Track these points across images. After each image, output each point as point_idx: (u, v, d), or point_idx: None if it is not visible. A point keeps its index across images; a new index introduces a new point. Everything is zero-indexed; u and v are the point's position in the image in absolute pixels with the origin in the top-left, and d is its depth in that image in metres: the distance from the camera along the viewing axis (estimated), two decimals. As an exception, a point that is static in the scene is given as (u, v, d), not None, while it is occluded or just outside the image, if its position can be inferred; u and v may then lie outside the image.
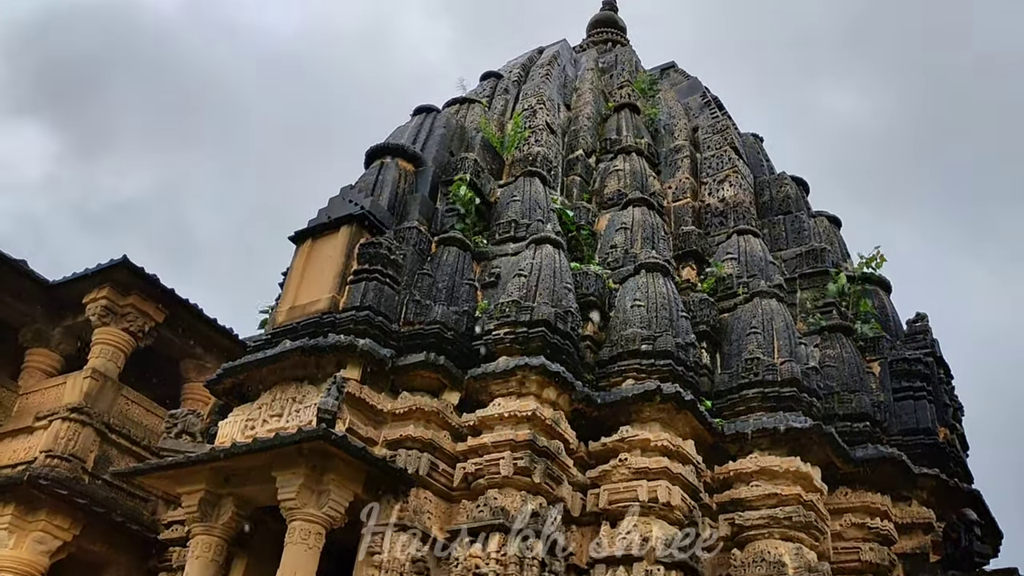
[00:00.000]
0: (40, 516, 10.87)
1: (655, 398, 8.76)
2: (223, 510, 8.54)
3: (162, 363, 14.15)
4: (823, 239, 12.02)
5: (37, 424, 11.85)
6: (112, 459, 11.78)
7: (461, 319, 9.35)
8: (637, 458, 8.66)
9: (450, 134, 11.85)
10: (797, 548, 8.49)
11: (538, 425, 8.45)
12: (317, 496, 7.91)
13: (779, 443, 9.03)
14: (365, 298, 9.07)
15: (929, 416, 10.27)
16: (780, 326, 9.84)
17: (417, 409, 8.64)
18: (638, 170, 12.20)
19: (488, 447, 8.46)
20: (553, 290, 9.26)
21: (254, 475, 8.30)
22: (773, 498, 8.68)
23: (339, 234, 9.68)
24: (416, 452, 8.47)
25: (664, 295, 9.76)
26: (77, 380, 12.00)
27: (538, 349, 8.78)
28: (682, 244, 11.44)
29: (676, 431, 8.89)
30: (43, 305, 13.14)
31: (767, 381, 9.39)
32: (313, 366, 8.80)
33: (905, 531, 9.63)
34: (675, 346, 9.28)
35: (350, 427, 8.32)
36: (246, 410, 9.02)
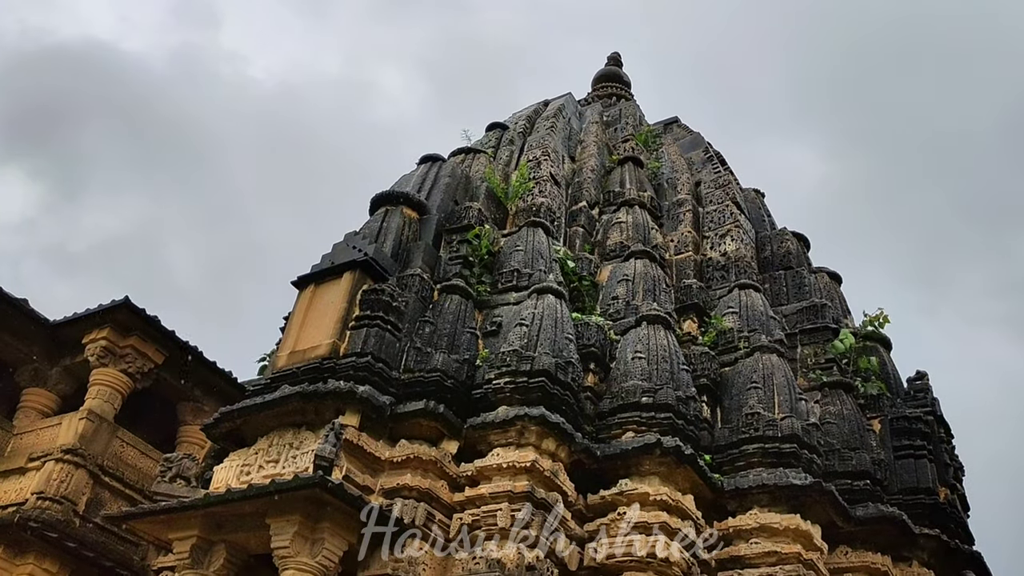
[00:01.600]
0: (28, 559, 10.73)
1: (655, 451, 8.70)
2: (215, 557, 8.42)
3: (159, 405, 14.07)
4: (824, 295, 12.06)
5: (30, 465, 11.74)
6: (104, 502, 11.65)
7: (462, 367, 9.33)
8: (636, 512, 8.56)
9: (455, 183, 11.96)
10: (797, 608, 8.36)
11: (537, 476, 8.37)
12: (311, 544, 7.80)
13: (779, 500, 8.95)
14: (366, 344, 9.05)
15: (930, 475, 10.19)
16: (781, 381, 9.82)
17: (415, 458, 8.58)
18: (641, 223, 12.28)
19: (486, 498, 8.37)
20: (554, 340, 9.26)
21: (248, 522, 8.20)
22: (773, 556, 8.57)
23: (342, 280, 9.70)
24: (413, 502, 8.38)
25: (665, 347, 9.75)
26: (73, 421, 11.92)
27: (538, 399, 8.75)
28: (684, 297, 11.47)
29: (676, 485, 8.81)
30: (42, 344, 13.11)
31: (767, 436, 9.33)
32: (312, 412, 8.76)
33: (906, 593, 9.49)
34: (676, 399, 9.24)
35: (347, 475, 8.25)
36: (242, 455, 8.95)
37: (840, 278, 12.91)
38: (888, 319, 11.65)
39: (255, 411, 8.96)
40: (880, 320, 11.57)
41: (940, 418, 11.00)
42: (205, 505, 8.16)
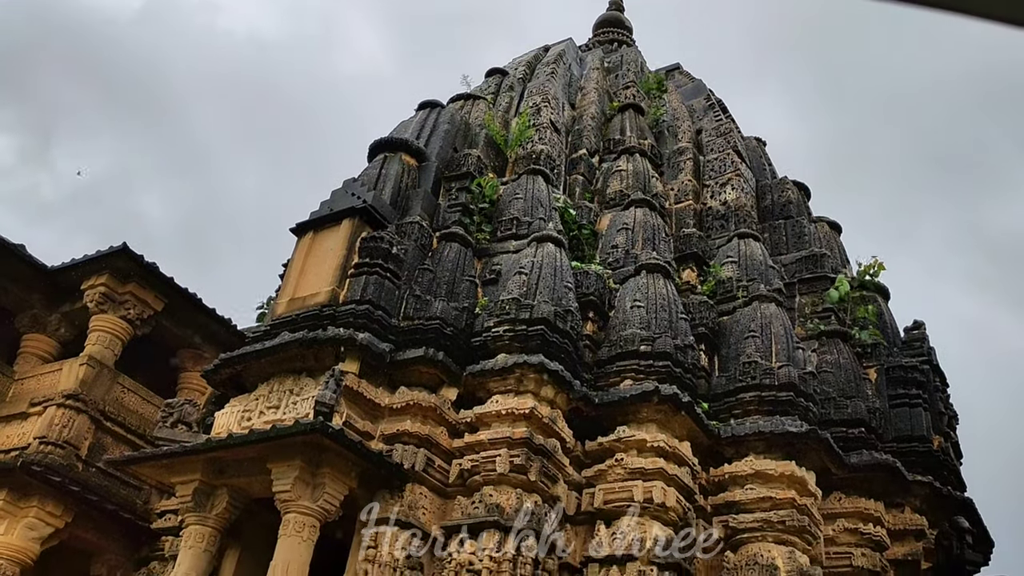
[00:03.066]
0: (32, 502, 10.85)
1: (653, 399, 8.77)
2: (217, 501, 8.52)
3: (159, 352, 14.12)
4: (823, 244, 12.05)
5: (32, 410, 11.81)
6: (106, 447, 11.75)
7: (461, 315, 9.35)
8: (633, 458, 8.66)
9: (454, 130, 11.85)
10: (790, 552, 8.50)
11: (535, 423, 8.45)
12: (312, 489, 7.90)
13: (774, 447, 9.05)
14: (365, 292, 9.06)
15: (924, 424, 10.30)
16: (779, 330, 9.85)
17: (415, 404, 8.64)
18: (641, 171, 12.21)
19: (485, 444, 8.45)
20: (553, 289, 9.26)
21: (249, 466, 8.28)
22: (767, 502, 8.69)
23: (341, 227, 9.67)
24: (412, 447, 8.46)
25: (664, 296, 9.76)
26: (73, 367, 11.96)
27: (537, 347, 8.78)
28: (683, 246, 11.45)
29: (673, 432, 8.90)
30: (41, 291, 13.10)
31: (764, 385, 9.41)
32: (312, 359, 8.79)
33: (897, 537, 9.65)
34: (674, 348, 9.29)
35: (347, 421, 8.31)
36: (243, 401, 9.01)
37: (840, 227, 12.89)
38: (883, 267, 11.65)
39: (255, 357, 9.00)
40: (875, 269, 11.57)
41: (936, 367, 11.07)
42: (207, 450, 8.24)
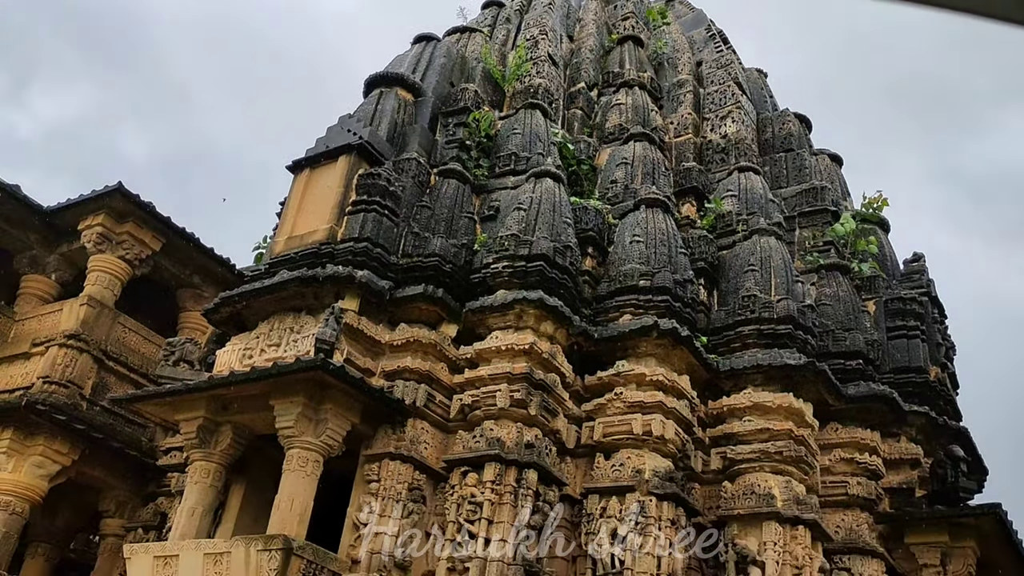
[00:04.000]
0: (39, 441, 10.97)
1: (652, 333, 8.81)
2: (221, 437, 8.62)
3: (159, 292, 14.14)
4: (824, 177, 11.96)
5: (34, 350, 11.88)
6: (110, 386, 11.85)
7: (460, 252, 9.33)
8: (632, 392, 8.74)
9: (451, 64, 11.66)
10: (787, 481, 8.64)
11: (535, 358, 8.50)
12: (315, 425, 7.98)
13: (773, 379, 9.12)
14: (364, 229, 9.03)
15: (921, 355, 10.37)
16: (778, 264, 9.85)
17: (415, 341, 8.68)
18: (640, 104, 12.06)
19: (485, 379, 8.52)
20: (552, 224, 9.23)
21: (252, 403, 8.36)
22: (765, 433, 8.80)
23: (337, 164, 9.59)
24: (413, 383, 8.53)
25: (663, 231, 9.73)
26: (73, 307, 11.99)
27: (536, 283, 8.79)
28: (683, 180, 11.38)
29: (672, 366, 8.96)
30: (38, 231, 13.07)
31: (763, 318, 9.44)
32: (311, 296, 8.81)
33: (893, 466, 9.79)
34: (673, 282, 9.29)
35: (348, 358, 8.36)
36: (244, 339, 9.05)
37: (841, 160, 12.79)
38: (887, 202, 11.61)
39: (255, 296, 9.01)
40: (879, 203, 11.52)
41: (934, 299, 11.11)
42: (209, 387, 8.30)
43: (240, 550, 7.30)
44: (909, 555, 9.41)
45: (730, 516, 8.58)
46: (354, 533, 7.98)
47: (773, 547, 8.28)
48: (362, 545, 7.87)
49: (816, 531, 8.60)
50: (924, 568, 9.31)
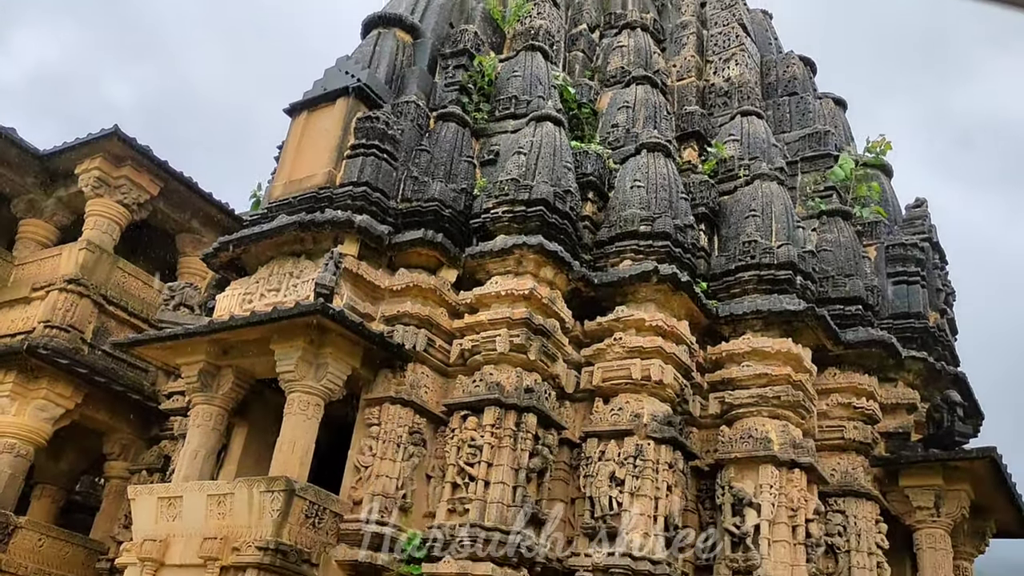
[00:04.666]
0: (41, 385, 11.04)
1: (651, 279, 8.80)
2: (222, 381, 8.67)
3: (157, 237, 14.11)
4: (828, 122, 11.83)
5: (34, 295, 11.88)
6: (111, 331, 11.88)
7: (459, 197, 9.27)
8: (632, 337, 8.76)
9: (450, 4, 11.45)
10: (784, 425, 8.71)
11: (535, 304, 8.50)
12: (315, 369, 8.02)
13: (772, 325, 9.14)
14: (362, 174, 8.96)
15: (921, 301, 10.38)
16: (779, 209, 9.79)
17: (414, 286, 8.67)
18: (642, 47, 11.87)
19: (485, 324, 8.53)
20: (552, 169, 9.15)
21: (253, 348, 8.39)
22: (763, 378, 8.84)
23: (335, 107, 9.47)
24: (413, 328, 8.55)
25: (664, 176, 9.66)
26: (72, 251, 11.96)
27: (536, 228, 8.75)
28: (685, 124, 11.25)
29: (671, 312, 8.97)
30: (35, 175, 12.99)
31: (763, 264, 9.42)
32: (310, 241, 8.78)
33: (889, 411, 9.87)
34: (673, 228, 9.25)
35: (348, 303, 8.36)
36: (244, 284, 9.04)
37: (845, 104, 12.64)
38: (890, 146, 11.50)
39: (254, 240, 8.98)
40: (883, 147, 11.41)
41: (936, 244, 11.08)
42: (210, 332, 8.32)
43: (243, 491, 7.39)
44: (903, 497, 9.53)
45: (727, 459, 8.67)
46: (355, 475, 8.07)
47: (769, 489, 8.38)
48: (363, 487, 7.96)
49: (812, 474, 8.70)
50: (918, 510, 9.44)
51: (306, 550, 7.36)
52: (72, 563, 11.16)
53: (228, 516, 7.39)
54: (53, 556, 11.00)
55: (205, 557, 7.23)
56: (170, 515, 7.71)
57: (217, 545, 7.23)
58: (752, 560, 8.13)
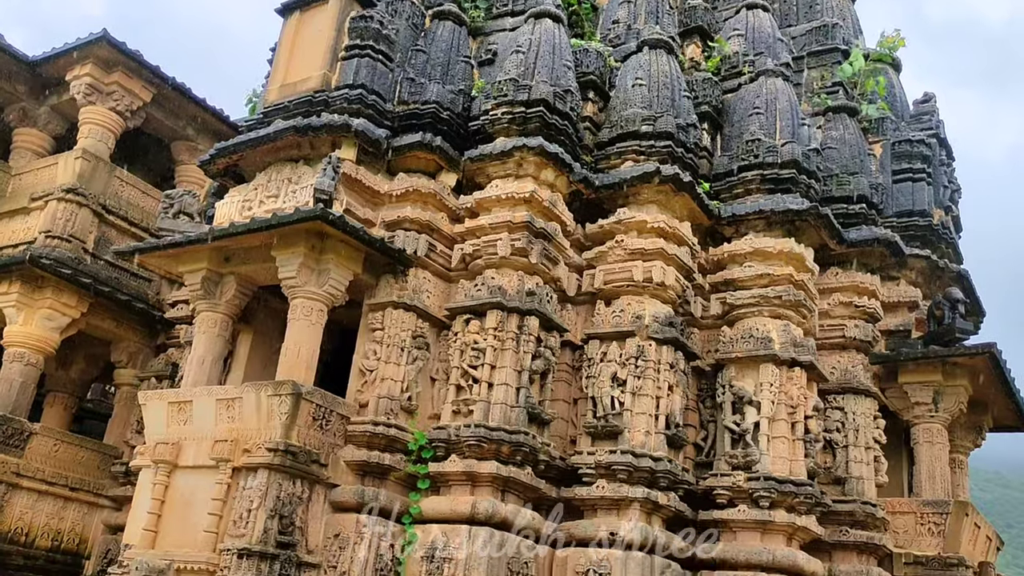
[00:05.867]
0: (46, 294, 11.08)
1: (653, 180, 8.72)
2: (225, 288, 8.69)
3: (153, 145, 13.94)
4: (836, 14, 11.48)
5: (33, 205, 11.81)
6: (112, 240, 11.85)
7: (457, 99, 9.10)
8: (633, 239, 8.74)
9: None
10: (785, 325, 8.77)
11: (535, 207, 8.45)
12: (317, 275, 8.03)
13: (774, 225, 9.09)
14: (358, 76, 8.77)
15: (926, 198, 10.32)
16: (784, 106, 9.62)
17: (414, 191, 8.60)
18: (644, -63, 11.43)
19: (486, 228, 8.50)
20: (552, 68, 8.95)
21: (254, 254, 8.38)
22: (765, 278, 8.85)
23: (328, 5, 9.20)
24: (414, 233, 8.52)
25: (667, 74, 9.46)
26: (69, 161, 11.83)
27: (536, 130, 8.61)
28: (687, 19, 10.93)
29: (673, 213, 8.92)
30: (25, 83, 12.75)
31: (767, 163, 9.31)
32: (307, 146, 8.66)
33: (891, 309, 9.92)
34: (676, 127, 9.11)
35: (347, 208, 8.31)
36: (242, 191, 8.97)
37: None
38: (904, 42, 11.19)
39: (250, 146, 8.86)
40: (895, 43, 11.11)
41: (942, 140, 10.93)
42: (210, 239, 8.29)
43: (251, 395, 7.50)
44: (902, 394, 9.67)
45: (728, 359, 8.76)
46: (361, 379, 8.18)
47: (769, 388, 8.50)
48: (369, 390, 8.08)
49: (812, 372, 8.80)
50: (916, 406, 9.59)
51: (315, 451, 7.52)
52: (88, 467, 11.43)
53: (237, 419, 7.53)
54: (69, 460, 11.26)
55: (217, 459, 7.40)
56: (181, 419, 7.86)
57: (228, 447, 7.39)
58: (751, 456, 8.31)
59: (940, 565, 8.80)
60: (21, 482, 10.71)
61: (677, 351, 8.57)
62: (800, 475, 8.29)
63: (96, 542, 11.35)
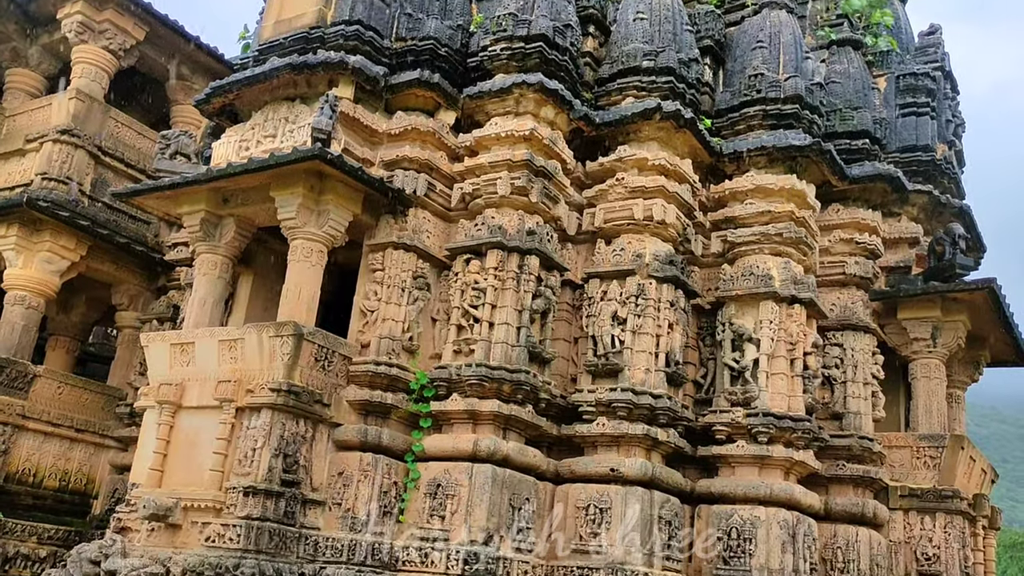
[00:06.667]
0: (44, 237, 11.05)
1: (654, 116, 8.62)
2: (225, 230, 8.66)
3: (148, 85, 13.77)
4: (841, -56, 11.22)
5: (28, 146, 11.69)
6: (109, 182, 11.76)
7: (455, 35, 8.95)
8: (634, 177, 8.68)
9: None
10: (785, 262, 8.76)
11: (535, 145, 8.37)
12: (317, 216, 7.99)
13: (776, 161, 9.02)
14: (354, 11, 8.61)
15: (929, 133, 10.23)
16: (787, 40, 9.45)
17: (413, 129, 8.51)
18: None
19: (485, 167, 8.43)
20: (552, 2, 8.77)
21: (253, 196, 8.33)
22: (766, 215, 8.82)
23: (322, -60, 8.98)
24: (413, 173, 8.45)
25: (668, 7, 9.28)
26: (63, 101, 11.68)
27: (536, 66, 8.48)
28: (690, -50, 10.68)
29: (674, 150, 8.84)
30: (15, 21, 12.52)
31: (769, 98, 9.20)
32: (304, 84, 8.54)
33: (891, 245, 9.91)
34: (677, 62, 8.97)
35: (345, 148, 8.23)
36: (239, 131, 8.87)
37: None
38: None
39: (246, 85, 8.73)
40: None
41: (948, 73, 10.78)
42: (208, 180, 8.23)
43: (253, 337, 7.53)
44: (901, 330, 9.71)
45: (728, 297, 8.77)
46: (362, 320, 8.20)
47: (769, 325, 8.52)
48: (370, 331, 8.11)
49: (812, 309, 8.82)
50: (914, 342, 9.64)
51: (317, 391, 7.58)
52: (92, 409, 11.54)
53: (240, 361, 7.57)
54: (73, 402, 11.36)
55: (221, 399, 7.46)
56: (183, 361, 7.89)
57: (231, 388, 7.44)
58: (750, 392, 8.38)
59: (935, 497, 8.94)
60: (27, 424, 10.82)
61: (677, 289, 8.58)
62: (798, 411, 8.37)
63: (103, 482, 11.52)
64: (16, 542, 10.37)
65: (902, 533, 8.99)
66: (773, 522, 7.94)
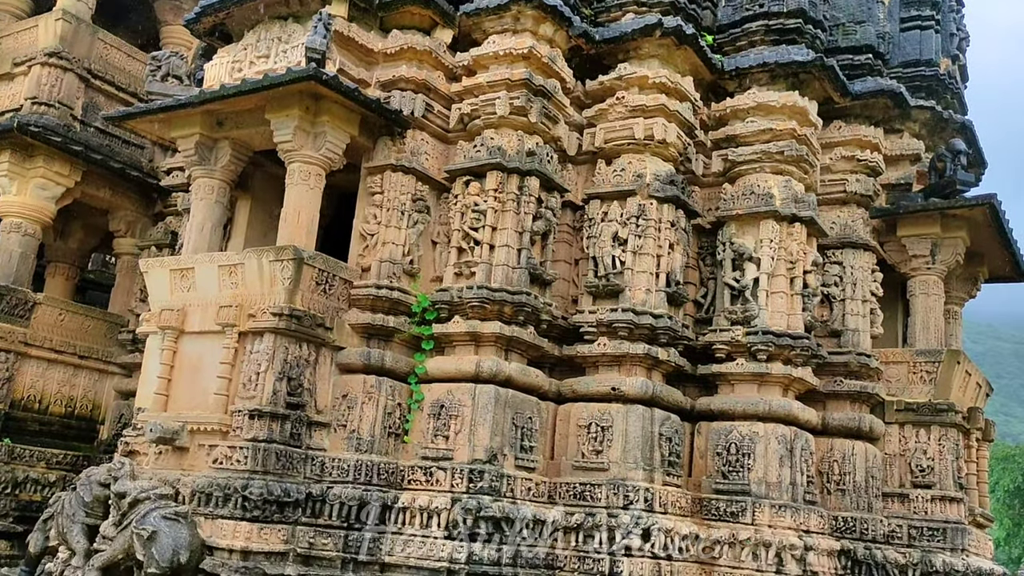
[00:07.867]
0: (38, 163, 10.92)
1: (655, 33, 8.46)
2: (220, 154, 8.56)
3: (136, 6, 13.41)
4: None
5: (16, 70, 11.46)
6: (100, 106, 11.57)
7: (450, -52, 8.70)
8: (634, 96, 8.56)
9: None
10: (786, 181, 8.71)
11: (534, 63, 8.22)
12: (313, 138, 7.90)
13: (778, 78, 8.90)
14: (345, -75, 8.34)
15: (933, 47, 10.06)
16: (791, -48, 9.20)
17: (409, 48, 8.34)
18: None
19: (484, 87, 8.30)
20: (549, -87, 8.50)
21: (248, 118, 8.21)
22: (767, 133, 8.73)
23: None
24: (410, 93, 8.32)
25: (669, -83, 8.99)
26: (49, 22, 11.39)
27: (534, -20, 8.27)
28: None
29: (675, 68, 8.70)
30: (-6, -61, 12.15)
31: (771, 13, 9.02)
32: (296, 2, 8.33)
33: (893, 162, 9.84)
34: (678, -25, 8.75)
35: (341, 68, 8.08)
36: (231, 51, 8.69)
37: None
38: None
39: (237, 3, 8.49)
40: None
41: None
42: (201, 102, 8.09)
43: (253, 261, 7.52)
44: (900, 247, 9.72)
45: (729, 216, 8.75)
46: (362, 243, 8.18)
47: (769, 244, 8.52)
48: (370, 254, 8.09)
49: (812, 227, 8.81)
50: (913, 258, 9.65)
51: (319, 315, 7.61)
52: (94, 335, 11.59)
53: (241, 285, 7.57)
54: (75, 329, 11.40)
55: (223, 324, 7.49)
56: (184, 286, 7.90)
57: (233, 312, 7.46)
58: (750, 311, 8.43)
59: (930, 410, 9.08)
60: (29, 351, 10.88)
61: (678, 209, 8.54)
62: (797, 329, 8.44)
63: (109, 408, 11.65)
64: (25, 467, 10.54)
65: (897, 446, 9.15)
66: (771, 437, 8.09)
